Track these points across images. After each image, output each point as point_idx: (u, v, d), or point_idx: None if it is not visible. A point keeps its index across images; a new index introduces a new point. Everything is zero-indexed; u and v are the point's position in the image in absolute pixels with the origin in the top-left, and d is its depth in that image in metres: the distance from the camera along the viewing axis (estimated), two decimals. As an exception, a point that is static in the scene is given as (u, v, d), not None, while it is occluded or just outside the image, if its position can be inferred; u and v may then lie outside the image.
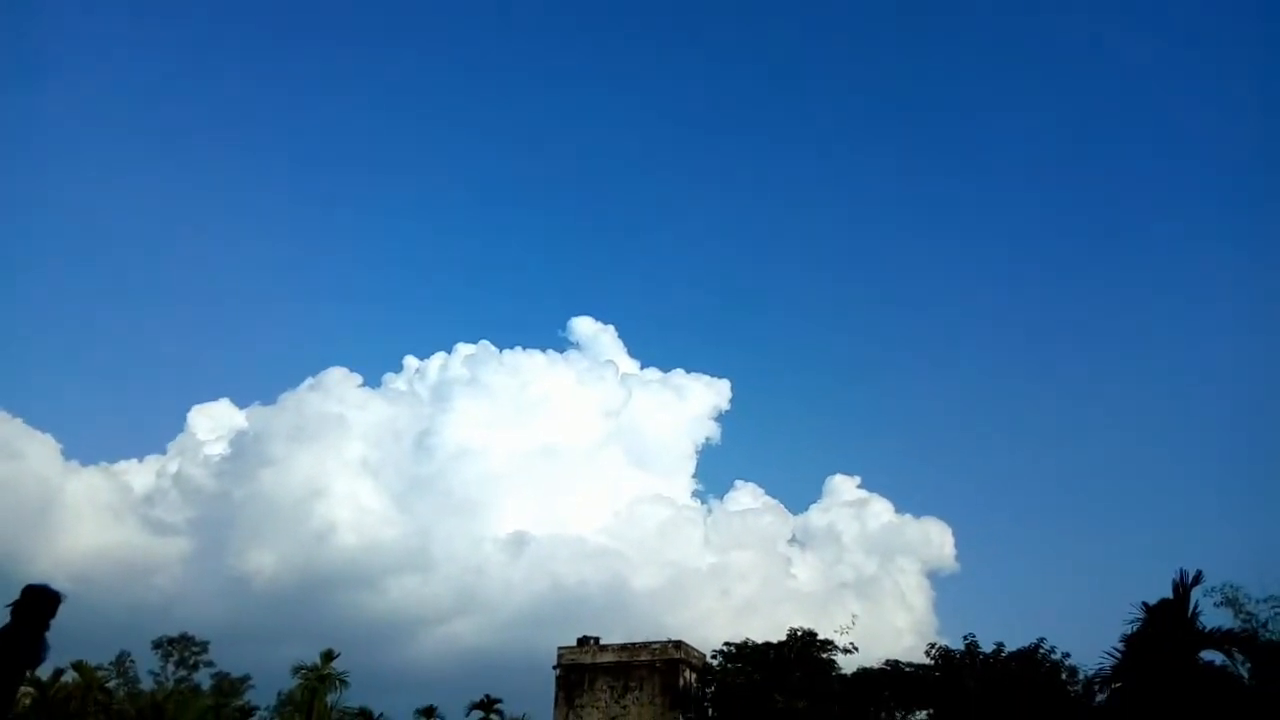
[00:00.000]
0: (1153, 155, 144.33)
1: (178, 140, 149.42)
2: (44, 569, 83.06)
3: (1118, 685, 31.70)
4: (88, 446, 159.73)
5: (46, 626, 7.68)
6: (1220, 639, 29.96)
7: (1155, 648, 29.53)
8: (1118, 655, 30.68)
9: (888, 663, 41.25)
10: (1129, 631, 30.47)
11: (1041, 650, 38.51)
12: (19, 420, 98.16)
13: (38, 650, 7.70)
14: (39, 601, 7.60)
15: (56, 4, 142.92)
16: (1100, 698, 34.56)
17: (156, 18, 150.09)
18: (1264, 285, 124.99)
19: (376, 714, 59.86)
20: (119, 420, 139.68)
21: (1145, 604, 30.39)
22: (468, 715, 60.77)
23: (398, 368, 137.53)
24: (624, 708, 44.99)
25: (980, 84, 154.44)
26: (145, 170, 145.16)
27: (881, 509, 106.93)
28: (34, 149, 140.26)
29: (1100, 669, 32.18)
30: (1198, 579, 29.97)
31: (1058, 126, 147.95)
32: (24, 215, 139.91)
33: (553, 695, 46.98)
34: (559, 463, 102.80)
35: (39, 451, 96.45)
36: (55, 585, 7.93)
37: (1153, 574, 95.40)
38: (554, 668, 47.35)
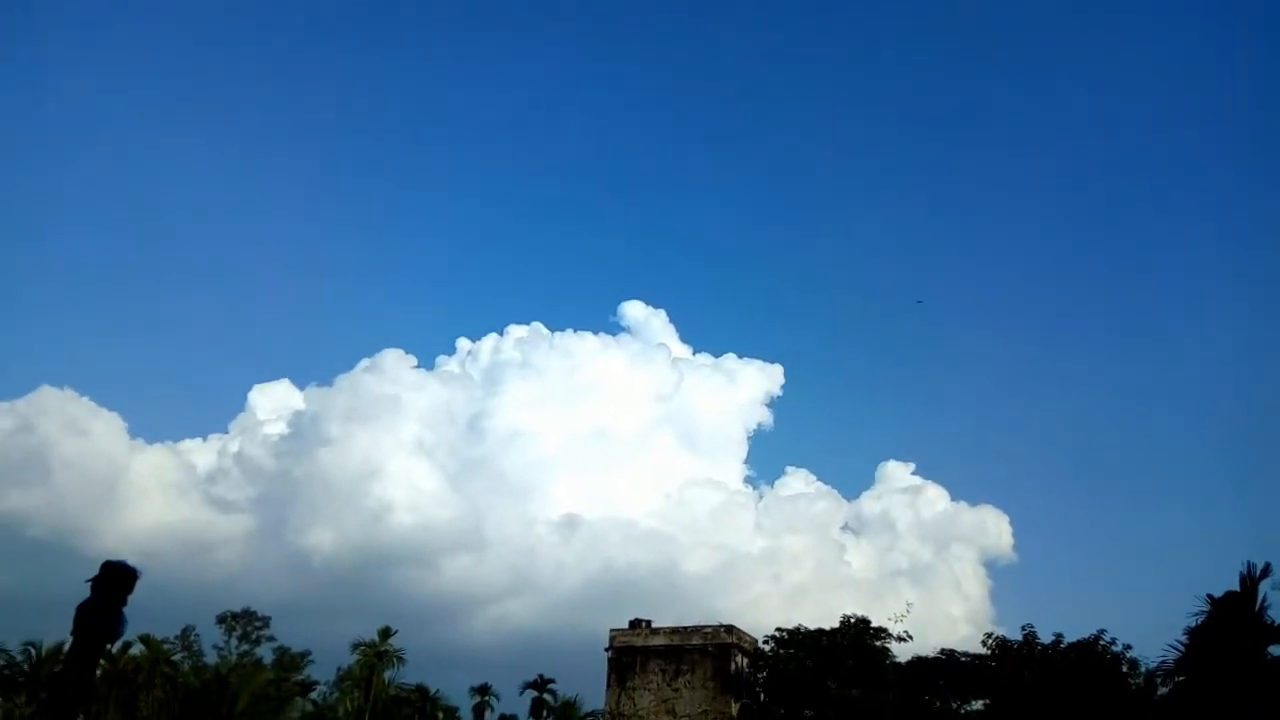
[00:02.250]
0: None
1: (240, 119, 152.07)
2: (110, 545, 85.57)
3: (1180, 679, 31.08)
4: (153, 425, 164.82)
5: (124, 601, 7.92)
6: (1289, 634, 29.20)
7: (1220, 642, 28.89)
8: (1181, 648, 30.06)
9: (943, 652, 40.82)
10: (1193, 624, 29.84)
11: (1101, 642, 37.86)
12: (87, 399, 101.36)
13: (116, 625, 7.95)
14: (117, 577, 7.84)
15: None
16: (1162, 691, 33.93)
17: None
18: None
19: (432, 691, 60.98)
20: (183, 400, 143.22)
21: (1210, 596, 29.72)
22: (521, 694, 61.76)
23: (451, 349, 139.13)
24: (676, 691, 45.11)
25: (1033, 62, 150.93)
26: (209, 150, 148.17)
27: (936, 496, 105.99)
28: (96, 130, 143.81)
29: (1163, 662, 31.56)
30: (1266, 571, 29.21)
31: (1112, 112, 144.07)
32: (90, 200, 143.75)
33: (604, 677, 47.29)
34: (610, 446, 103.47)
35: (106, 430, 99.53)
36: (131, 562, 8.17)
37: (1218, 566, 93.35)
38: (606, 650, 47.61)
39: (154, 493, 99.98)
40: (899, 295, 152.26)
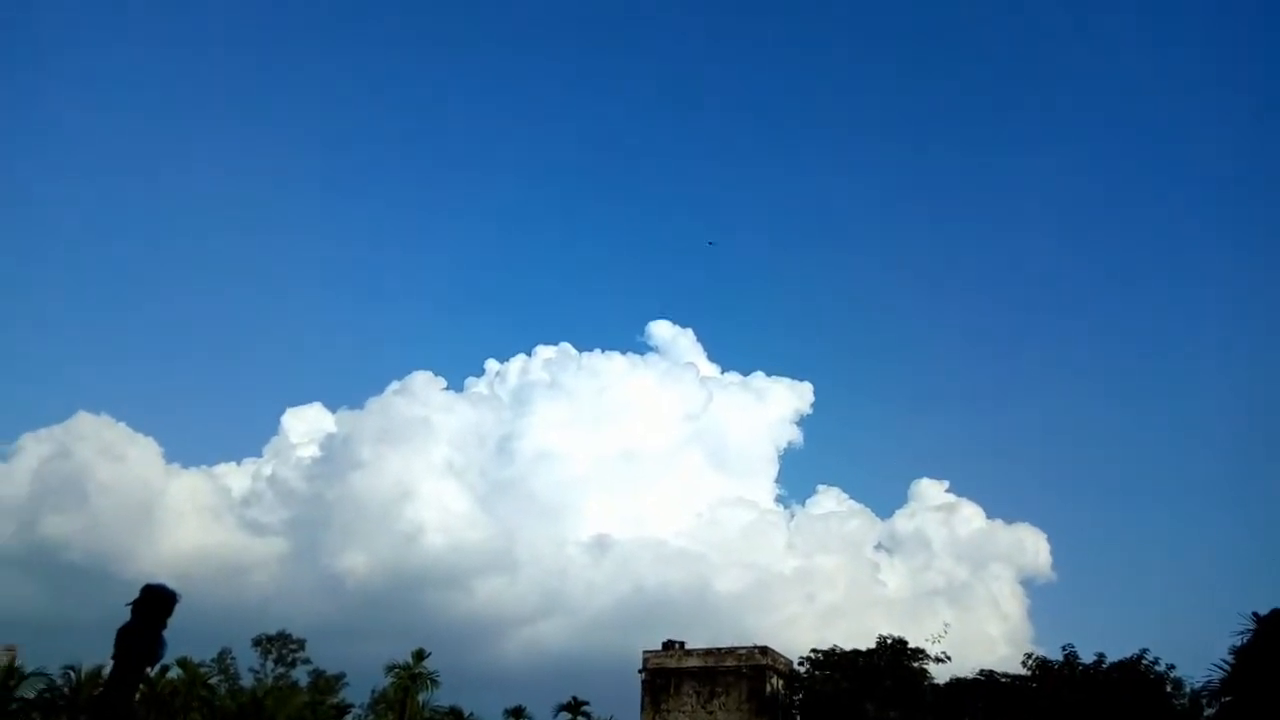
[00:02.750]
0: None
1: (266, 142, 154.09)
2: (147, 568, 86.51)
3: (1227, 699, 30.48)
4: (188, 450, 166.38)
5: (165, 625, 7.94)
6: (1338, 653, 28.52)
7: (1267, 660, 28.29)
8: (1226, 668, 29.52)
9: (982, 672, 40.32)
10: (1238, 643, 29.26)
11: (1145, 661, 37.24)
12: (123, 424, 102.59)
13: (157, 648, 7.97)
14: (158, 600, 7.86)
15: None
16: (1209, 712, 33.28)
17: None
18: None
19: (466, 713, 60.89)
20: (218, 424, 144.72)
21: (1256, 614, 29.15)
22: (555, 717, 61.44)
23: (479, 371, 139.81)
24: (710, 713, 44.80)
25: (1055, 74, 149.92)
26: (238, 175, 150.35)
27: (972, 514, 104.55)
28: (127, 156, 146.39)
29: (1208, 682, 31.05)
30: (1313, 589, 28.64)
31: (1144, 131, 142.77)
32: (123, 228, 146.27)
33: (638, 698, 47.10)
34: (639, 466, 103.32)
35: (142, 455, 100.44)
36: (171, 585, 8.21)
37: (1264, 582, 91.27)
38: (640, 672, 47.43)
39: (189, 516, 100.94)
40: (927, 310, 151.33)
